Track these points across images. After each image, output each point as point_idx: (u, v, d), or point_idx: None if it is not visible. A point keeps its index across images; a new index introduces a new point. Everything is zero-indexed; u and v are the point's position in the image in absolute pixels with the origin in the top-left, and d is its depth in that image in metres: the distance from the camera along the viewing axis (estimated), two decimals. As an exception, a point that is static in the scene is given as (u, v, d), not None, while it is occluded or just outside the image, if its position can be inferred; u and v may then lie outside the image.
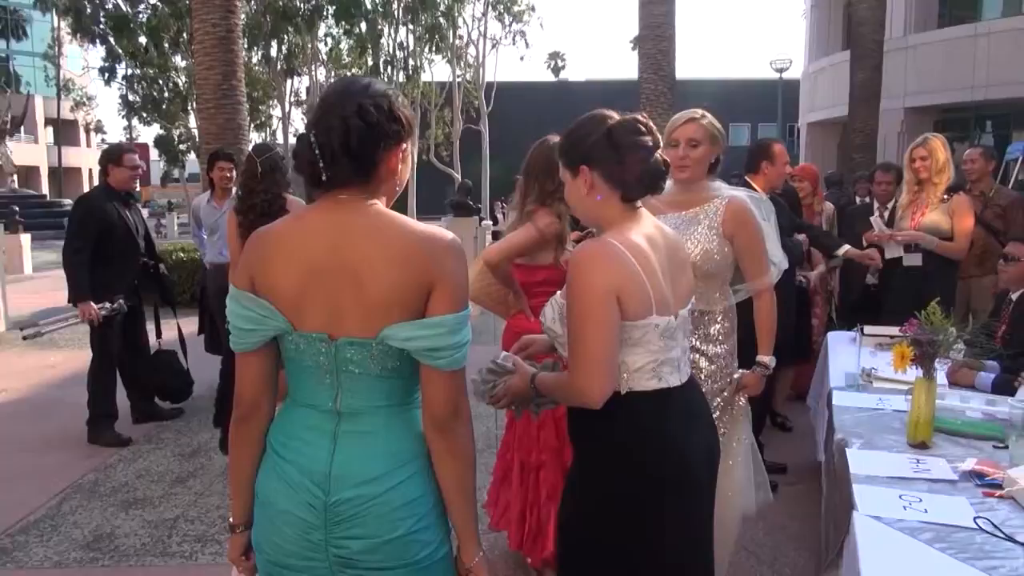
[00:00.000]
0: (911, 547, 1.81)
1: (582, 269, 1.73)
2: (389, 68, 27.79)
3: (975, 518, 1.94)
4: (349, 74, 30.58)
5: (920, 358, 2.46)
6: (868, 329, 3.74)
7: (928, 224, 4.19)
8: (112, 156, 4.88)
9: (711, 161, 2.69)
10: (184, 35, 22.21)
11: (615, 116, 1.83)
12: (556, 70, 35.27)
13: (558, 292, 1.92)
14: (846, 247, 4.42)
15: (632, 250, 1.74)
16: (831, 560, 2.31)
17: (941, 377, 3.09)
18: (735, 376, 2.72)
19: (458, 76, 29.15)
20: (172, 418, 5.29)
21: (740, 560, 3.24)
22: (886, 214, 4.55)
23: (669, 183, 2.66)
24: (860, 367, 3.33)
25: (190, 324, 5.40)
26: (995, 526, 1.90)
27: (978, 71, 15.97)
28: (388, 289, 1.41)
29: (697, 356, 2.66)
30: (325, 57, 28.78)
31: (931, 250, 4.18)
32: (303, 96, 30.32)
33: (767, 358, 2.74)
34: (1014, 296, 3.52)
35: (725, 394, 2.71)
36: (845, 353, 3.61)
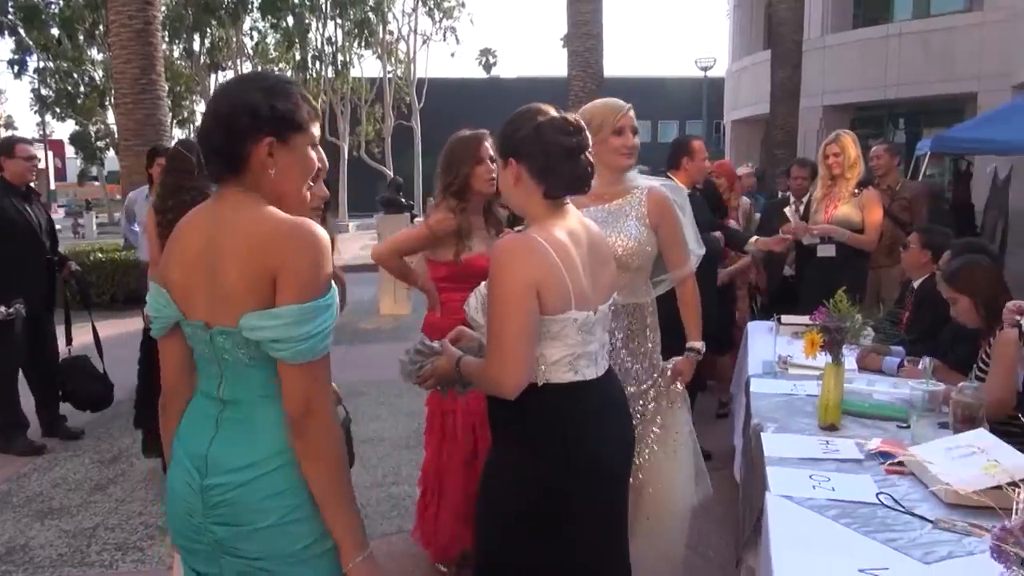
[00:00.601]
0: (818, 523, 1.90)
1: (503, 262, 1.76)
2: (317, 63, 27.29)
3: (878, 494, 2.05)
4: (276, 69, 30.06)
5: (829, 344, 2.58)
6: (785, 318, 3.89)
7: (840, 217, 4.39)
8: (4, 149, 4.61)
9: None
10: (100, 27, 21.36)
11: (549, 113, 1.87)
12: (487, 67, 35.26)
13: (482, 283, 1.94)
14: (754, 238, 4.61)
15: (554, 245, 1.78)
16: (747, 539, 2.40)
17: (851, 363, 3.25)
18: (668, 365, 2.77)
19: (389, 72, 28.85)
20: (74, 438, 4.90)
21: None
22: (802, 208, 4.74)
23: None
24: (776, 355, 3.46)
25: (108, 327, 5.21)
26: (896, 501, 2.01)
27: (890, 71, 16.68)
28: (237, 279, 1.43)
29: (631, 354, 2.68)
30: (251, 51, 28.08)
31: (843, 242, 4.38)
32: (228, 91, 29.47)
33: (698, 343, 2.80)
34: (916, 284, 3.71)
35: (660, 385, 2.75)
36: (763, 342, 3.74)
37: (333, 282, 1.48)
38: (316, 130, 1.54)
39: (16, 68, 25.70)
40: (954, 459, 2.10)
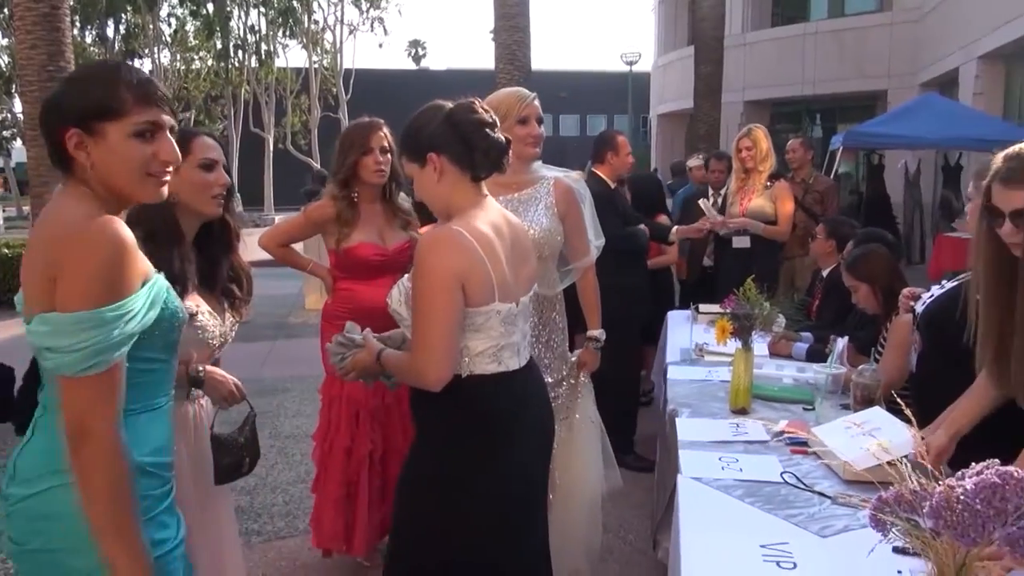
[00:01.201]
0: (724, 503, 1.98)
1: (428, 255, 1.78)
2: (240, 52, 26.57)
3: (782, 473, 2.15)
4: (196, 58, 29.15)
5: (738, 331, 2.67)
6: (703, 307, 4.01)
7: (754, 208, 4.55)
8: None
9: None
10: (4, 11, 20.26)
11: (449, 103, 1.90)
12: (416, 58, 35.03)
13: (405, 275, 1.95)
14: (675, 228, 4.73)
15: (477, 237, 1.80)
16: (661, 521, 2.48)
17: (763, 349, 3.38)
18: (573, 357, 2.83)
19: (315, 62, 28.31)
20: None
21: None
22: (719, 200, 4.89)
23: None
24: (693, 343, 3.57)
25: (12, 327, 4.98)
26: (798, 479, 2.11)
27: (807, 68, 17.27)
28: (28, 277, 1.36)
29: (547, 341, 2.71)
30: (169, 39, 27.13)
31: (759, 234, 4.54)
32: (146, 80, 28.45)
33: (597, 332, 2.85)
34: (824, 273, 3.87)
35: (571, 377, 2.81)
36: (681, 331, 3.85)
37: (145, 290, 1.36)
38: (153, 115, 1.40)
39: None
40: (852, 438, 2.21)
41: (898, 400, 1.57)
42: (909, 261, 11.22)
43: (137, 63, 26.02)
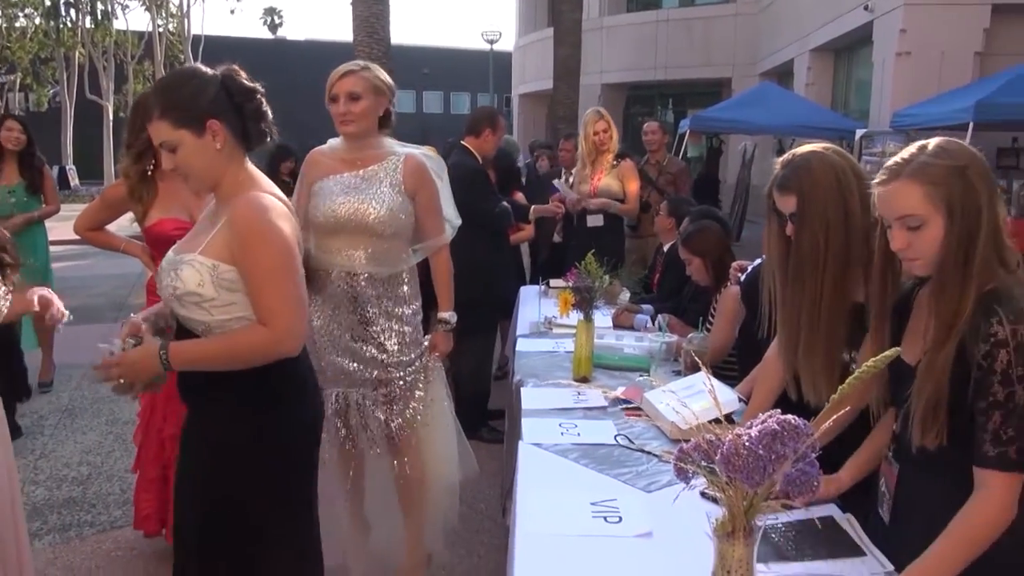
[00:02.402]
0: (560, 465, 2.07)
1: (263, 220, 1.73)
2: (72, 11, 24.41)
3: (615, 436, 2.27)
4: (22, 15, 26.47)
5: (580, 303, 2.79)
6: (552, 282, 4.14)
7: (603, 187, 4.75)
8: None
9: (380, 114, 2.62)
10: None
11: (210, 69, 1.82)
12: (272, 27, 33.55)
13: (181, 256, 1.80)
14: (533, 207, 4.86)
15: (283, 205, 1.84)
16: (509, 488, 2.56)
17: (607, 320, 3.54)
18: (425, 340, 2.77)
19: (159, 26, 26.48)
20: None
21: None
22: (570, 179, 5.05)
23: (339, 140, 2.66)
24: (543, 316, 3.68)
25: None
26: (630, 440, 2.24)
27: (659, 54, 18.03)
28: None
29: (391, 320, 2.63)
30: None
31: (615, 213, 4.75)
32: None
33: (447, 314, 2.79)
34: (665, 248, 4.10)
35: (423, 356, 2.74)
36: (532, 305, 3.96)
37: None
38: None
39: None
40: (680, 400, 2.37)
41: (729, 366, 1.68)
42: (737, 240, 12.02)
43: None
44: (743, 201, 12.63)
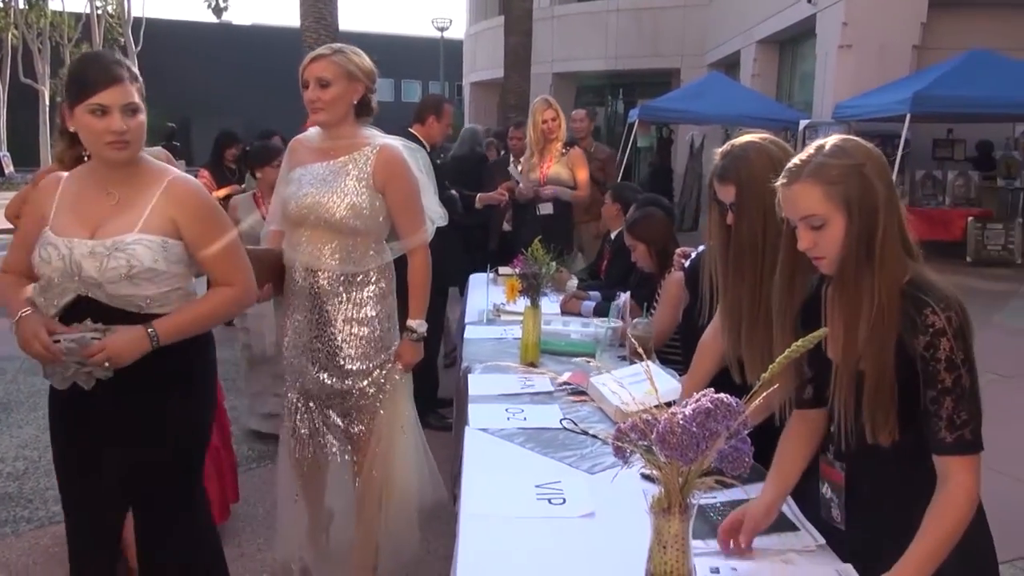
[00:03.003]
0: (506, 449, 2.09)
1: (209, 195, 2.05)
2: (5, -9, 23.46)
3: (561, 420, 2.30)
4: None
5: (527, 289, 2.80)
6: (502, 270, 4.15)
7: (553, 175, 4.79)
8: None
9: (355, 101, 2.44)
10: None
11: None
12: (217, 11, 32.63)
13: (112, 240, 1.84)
14: (479, 195, 4.87)
15: None
16: (457, 473, 2.57)
17: (555, 307, 3.57)
18: (393, 348, 2.54)
19: (97, 7, 25.59)
20: None
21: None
22: (519, 167, 5.07)
23: (315, 130, 2.55)
24: (492, 304, 3.69)
25: None
26: (575, 424, 2.27)
27: (610, 44, 18.11)
28: None
29: (351, 324, 2.46)
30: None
31: (567, 200, 4.77)
32: None
33: (415, 322, 2.53)
34: (612, 235, 4.14)
35: (387, 366, 2.53)
36: (480, 292, 3.97)
37: None
38: None
39: None
40: (625, 385, 2.41)
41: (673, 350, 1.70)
42: (681, 228, 12.20)
43: None
44: (696, 190, 12.83)
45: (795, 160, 1.48)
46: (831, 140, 1.47)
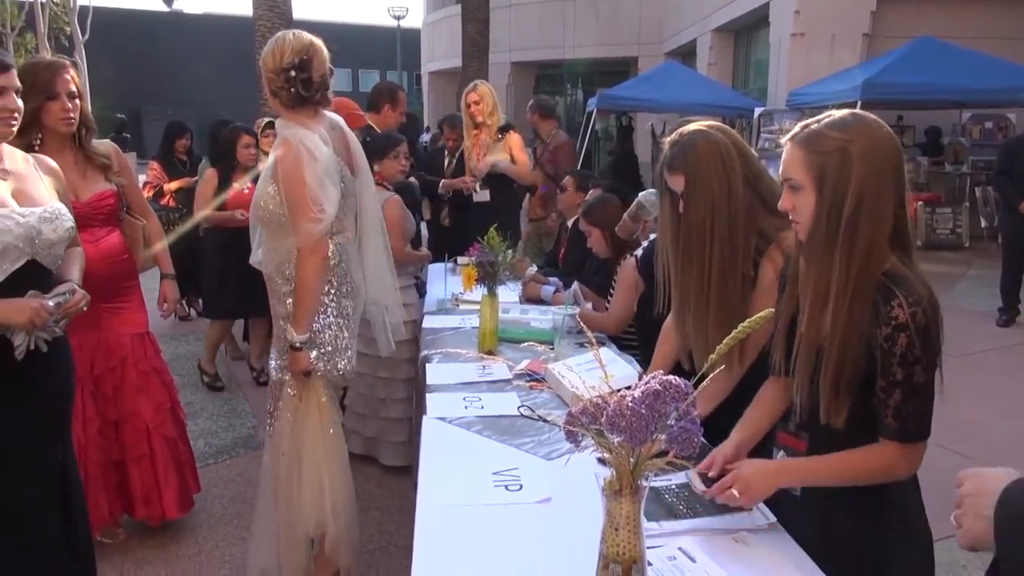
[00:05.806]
0: (464, 437, 2.09)
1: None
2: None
3: (519, 407, 2.30)
4: None
5: (483, 277, 2.80)
6: (460, 259, 4.14)
7: (490, 161, 4.80)
8: None
9: (276, 92, 2.38)
10: None
11: None
12: (167, -1, 31.88)
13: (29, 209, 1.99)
14: (443, 181, 4.85)
15: None
16: (416, 463, 2.55)
17: (513, 296, 3.57)
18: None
19: (41, -4, 24.78)
20: None
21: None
22: (454, 161, 5.09)
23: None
24: (450, 293, 3.68)
25: None
26: (532, 410, 2.27)
27: (567, 33, 18.10)
28: None
29: (278, 320, 2.46)
30: None
31: (507, 172, 4.78)
32: None
33: (292, 333, 2.36)
34: (570, 223, 4.15)
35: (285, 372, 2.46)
36: (439, 282, 3.95)
37: None
38: None
39: None
40: (582, 373, 2.42)
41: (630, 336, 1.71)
42: (655, 215, 12.28)
43: None
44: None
45: (809, 120, 1.48)
46: (842, 112, 1.46)
